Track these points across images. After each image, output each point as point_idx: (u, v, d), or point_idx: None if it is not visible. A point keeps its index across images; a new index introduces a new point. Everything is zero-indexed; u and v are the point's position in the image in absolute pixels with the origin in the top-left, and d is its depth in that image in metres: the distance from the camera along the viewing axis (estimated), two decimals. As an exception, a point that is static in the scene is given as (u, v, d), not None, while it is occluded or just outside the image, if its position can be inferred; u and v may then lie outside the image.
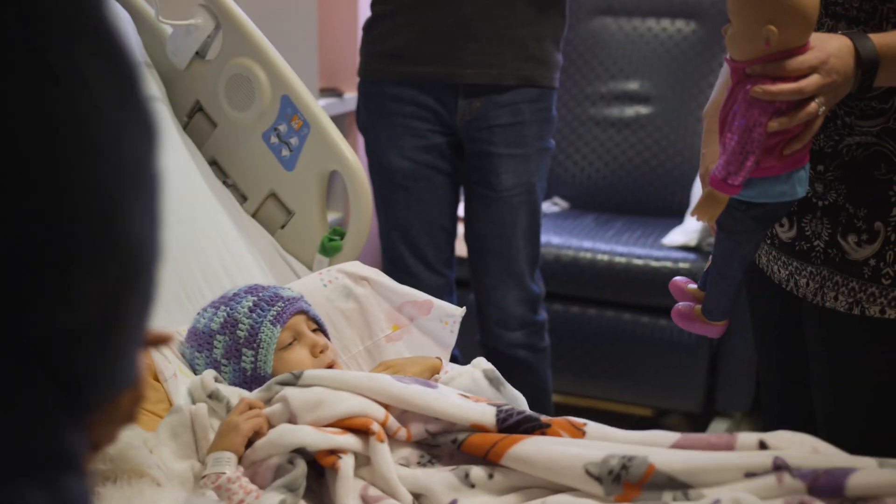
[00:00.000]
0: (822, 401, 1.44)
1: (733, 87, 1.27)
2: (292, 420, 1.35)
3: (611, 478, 1.21)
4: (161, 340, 0.73)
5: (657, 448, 1.27)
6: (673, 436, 1.29)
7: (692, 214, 1.33)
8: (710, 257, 1.44)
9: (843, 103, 1.30)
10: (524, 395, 1.60)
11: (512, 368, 2.37)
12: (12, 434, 0.55)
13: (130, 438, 1.23)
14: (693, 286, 1.50)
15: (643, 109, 3.31)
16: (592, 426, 1.34)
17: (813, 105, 1.22)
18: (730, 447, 1.24)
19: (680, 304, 1.49)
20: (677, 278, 1.54)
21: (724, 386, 2.77)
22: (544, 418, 1.35)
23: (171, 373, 1.49)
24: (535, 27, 2.21)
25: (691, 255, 2.79)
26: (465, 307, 1.77)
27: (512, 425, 1.34)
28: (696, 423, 2.99)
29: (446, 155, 2.28)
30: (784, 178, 1.28)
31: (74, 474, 0.59)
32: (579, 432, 1.33)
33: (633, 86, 3.33)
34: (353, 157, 1.89)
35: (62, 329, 0.55)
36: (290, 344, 1.54)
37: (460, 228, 2.46)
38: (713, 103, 1.45)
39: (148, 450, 1.27)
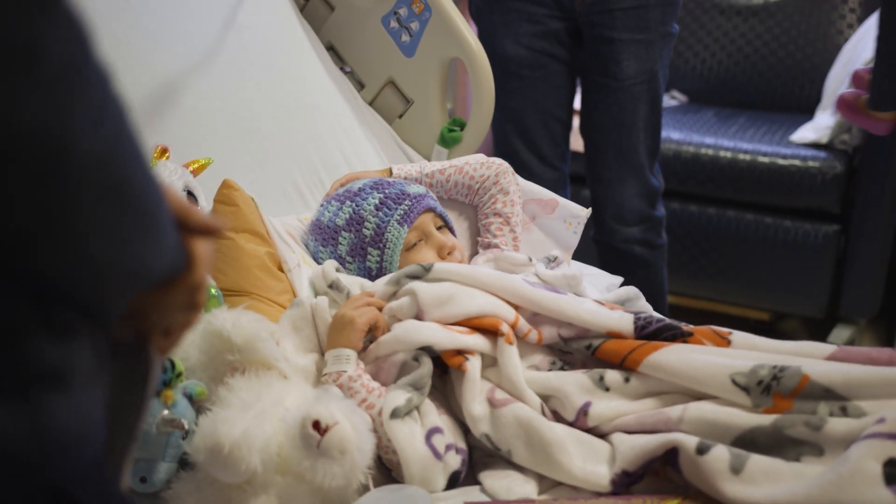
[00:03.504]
0: None
1: None
2: (419, 315, 1.31)
3: (760, 388, 1.14)
4: (209, 231, 0.68)
5: (811, 360, 1.18)
6: (828, 347, 1.20)
7: None
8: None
9: None
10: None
11: (627, 265, 2.29)
12: None
13: (258, 330, 1.20)
14: None
15: (772, -4, 3.11)
16: (738, 335, 1.26)
17: None
18: (892, 362, 1.15)
19: (846, 91, 1.35)
20: (860, 68, 1.40)
21: (850, 290, 2.64)
22: (686, 326, 1.28)
23: (295, 262, 1.46)
24: None
25: (822, 153, 2.63)
26: (590, 209, 1.69)
27: (651, 333, 1.27)
28: (816, 328, 2.88)
29: (564, 42, 2.16)
30: None
31: (59, 390, 0.54)
32: (724, 341, 1.25)
33: (762, -30, 3.12)
34: (475, 43, 1.80)
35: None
36: (416, 244, 1.49)
37: (575, 121, 2.35)
38: None
39: (275, 342, 1.24)
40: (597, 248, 2.31)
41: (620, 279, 1.71)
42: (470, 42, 1.79)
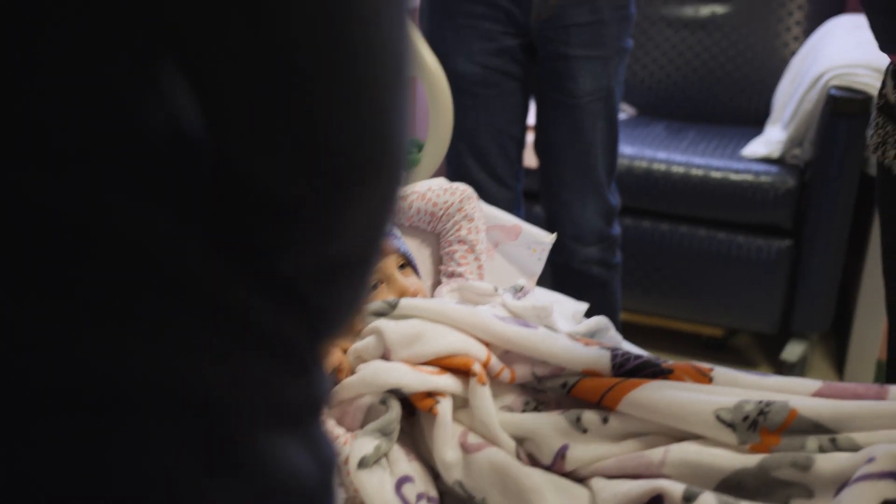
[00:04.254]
0: None
1: None
2: (386, 355, 1.24)
3: (746, 424, 1.09)
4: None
5: (797, 395, 1.14)
6: (813, 384, 1.16)
7: None
8: None
9: None
10: (594, 314, 1.50)
11: (585, 286, 2.26)
12: (270, 385, 0.46)
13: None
14: None
15: (720, 8, 3.09)
16: (720, 371, 1.21)
17: None
18: (880, 397, 1.11)
19: None
20: None
21: (803, 305, 2.63)
22: (665, 363, 1.22)
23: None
24: None
25: (774, 168, 2.61)
26: (555, 234, 1.64)
27: (629, 370, 1.21)
28: (768, 343, 2.87)
29: (518, 59, 2.11)
30: None
31: (318, 420, 0.51)
32: (705, 378, 1.20)
33: (709, -17, 3.11)
34: (432, 61, 1.73)
35: (324, 265, 0.46)
36: (377, 287, 1.41)
37: (528, 137, 2.31)
38: None
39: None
40: (552, 269, 2.26)
41: (585, 305, 1.66)
42: (427, 60, 1.72)
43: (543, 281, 1.92)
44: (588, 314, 1.54)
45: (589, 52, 2.07)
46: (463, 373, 1.22)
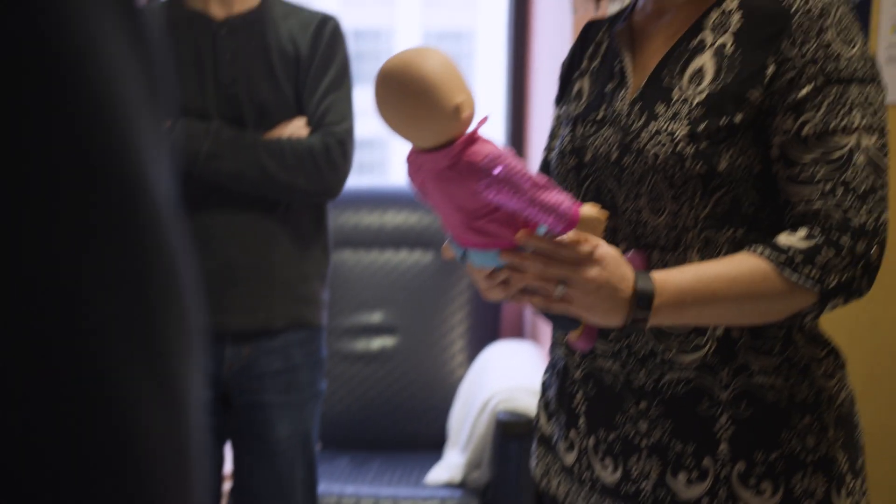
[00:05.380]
0: None
1: None
2: None
3: None
4: None
5: None
6: None
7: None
8: None
9: (659, 339, 1.30)
10: None
11: None
12: None
13: None
14: None
15: (389, 341, 3.29)
16: None
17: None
18: None
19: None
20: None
21: None
22: None
23: None
24: (300, 266, 2.13)
25: (457, 492, 2.72)
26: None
27: None
28: None
29: (212, 410, 2.09)
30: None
31: None
32: None
33: (376, 318, 3.32)
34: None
35: None
36: None
37: (225, 486, 2.25)
38: None
39: None
40: None
41: None
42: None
43: None
44: None
45: (284, 399, 2.09)
46: None
